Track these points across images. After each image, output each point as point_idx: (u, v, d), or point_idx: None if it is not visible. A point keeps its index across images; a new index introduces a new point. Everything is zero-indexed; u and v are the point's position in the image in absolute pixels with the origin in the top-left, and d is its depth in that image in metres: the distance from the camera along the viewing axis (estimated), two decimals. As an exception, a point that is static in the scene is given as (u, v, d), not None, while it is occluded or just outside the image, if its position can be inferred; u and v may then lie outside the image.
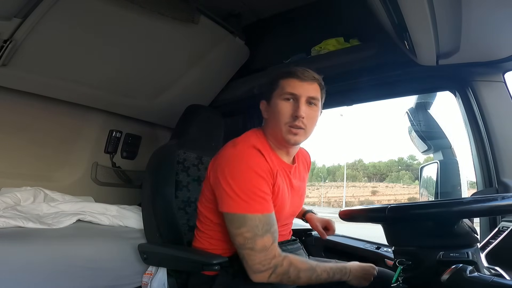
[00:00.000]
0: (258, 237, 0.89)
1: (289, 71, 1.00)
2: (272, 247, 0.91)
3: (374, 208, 1.00)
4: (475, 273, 0.71)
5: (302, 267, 0.93)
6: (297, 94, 0.97)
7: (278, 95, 0.99)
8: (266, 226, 0.91)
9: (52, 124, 1.84)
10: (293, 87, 0.97)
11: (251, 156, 0.94)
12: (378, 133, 73.76)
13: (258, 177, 0.92)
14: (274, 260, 0.90)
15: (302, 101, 0.97)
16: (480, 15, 0.93)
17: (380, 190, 34.63)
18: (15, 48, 1.31)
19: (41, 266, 1.11)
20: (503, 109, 1.27)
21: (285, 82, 0.99)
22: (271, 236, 0.91)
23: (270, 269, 0.90)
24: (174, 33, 1.57)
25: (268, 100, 1.03)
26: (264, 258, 0.89)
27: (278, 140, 1.01)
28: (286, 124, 0.97)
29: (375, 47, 1.47)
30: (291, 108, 0.97)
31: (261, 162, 0.94)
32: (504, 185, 1.21)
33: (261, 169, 0.93)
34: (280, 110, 0.97)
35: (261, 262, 0.89)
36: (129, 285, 1.28)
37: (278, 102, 0.98)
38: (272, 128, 1.01)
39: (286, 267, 0.91)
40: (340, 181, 36.65)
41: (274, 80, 1.02)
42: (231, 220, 0.92)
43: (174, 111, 1.88)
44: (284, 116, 0.97)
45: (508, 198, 0.80)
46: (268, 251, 0.90)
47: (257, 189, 0.91)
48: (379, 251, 1.48)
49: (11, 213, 1.38)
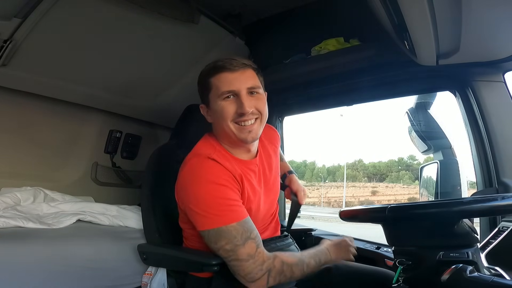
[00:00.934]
0: (239, 247, 0.86)
1: (215, 65, 0.92)
2: (258, 252, 0.87)
3: (374, 208, 1.00)
4: (475, 273, 0.72)
5: (293, 262, 0.92)
6: (235, 89, 0.90)
7: (216, 96, 0.92)
8: (245, 233, 0.87)
9: (52, 124, 1.84)
10: (228, 83, 0.90)
11: (207, 168, 0.90)
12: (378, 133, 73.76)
13: (220, 187, 0.88)
14: (265, 264, 0.88)
15: (243, 95, 0.90)
16: (480, 15, 0.93)
17: (380, 190, 34.60)
18: (15, 48, 1.31)
19: (41, 266, 1.11)
20: (503, 109, 1.27)
21: (217, 80, 0.92)
22: (254, 242, 0.88)
23: (265, 274, 0.87)
24: (174, 33, 1.57)
25: (206, 103, 0.96)
26: (254, 266, 0.86)
27: (233, 142, 0.95)
28: (234, 123, 0.91)
29: (375, 47, 1.47)
30: (234, 106, 0.90)
31: (219, 172, 0.90)
32: (504, 185, 1.21)
33: (222, 178, 0.89)
34: (223, 111, 0.90)
35: (252, 271, 0.86)
36: (129, 285, 1.28)
37: (219, 104, 0.91)
38: (222, 131, 0.94)
39: (279, 267, 0.89)
40: (340, 181, 36.62)
41: (203, 81, 0.95)
42: (208, 237, 0.88)
43: (174, 111, 1.88)
44: (230, 116, 0.90)
45: (508, 198, 0.80)
46: (256, 258, 0.87)
47: (223, 200, 0.87)
48: (379, 251, 1.48)
49: (11, 213, 1.38)
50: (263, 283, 0.88)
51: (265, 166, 1.06)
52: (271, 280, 0.89)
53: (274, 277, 0.89)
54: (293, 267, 0.91)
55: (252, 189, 0.98)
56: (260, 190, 1.02)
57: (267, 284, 0.88)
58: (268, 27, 1.93)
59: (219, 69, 0.92)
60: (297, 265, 0.92)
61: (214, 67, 0.93)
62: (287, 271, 0.90)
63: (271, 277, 0.88)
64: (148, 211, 1.21)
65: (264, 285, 0.88)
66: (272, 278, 0.89)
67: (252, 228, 0.90)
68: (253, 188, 0.98)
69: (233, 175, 0.92)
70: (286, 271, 0.90)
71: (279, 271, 0.89)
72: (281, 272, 0.89)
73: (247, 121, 0.91)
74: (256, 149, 1.03)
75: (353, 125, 66.62)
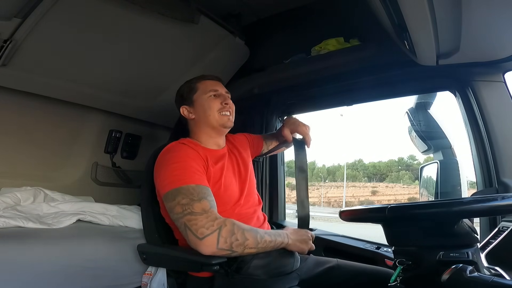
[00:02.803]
0: (195, 201, 0.92)
1: (200, 76, 1.22)
2: (211, 211, 0.93)
3: (374, 208, 1.00)
4: (475, 273, 0.72)
5: (245, 227, 0.94)
6: (218, 89, 1.17)
7: (202, 94, 1.17)
8: (202, 194, 0.95)
9: (52, 124, 1.84)
10: (211, 85, 1.17)
11: (176, 147, 1.07)
12: (378, 133, 73.77)
13: (187, 159, 1.02)
14: (216, 221, 0.91)
15: (223, 93, 1.18)
16: (480, 15, 0.93)
17: (380, 190, 34.61)
18: (15, 48, 1.31)
19: (40, 266, 1.11)
20: (503, 109, 1.27)
21: (202, 84, 1.19)
22: (208, 203, 0.94)
23: (215, 231, 0.89)
24: (174, 33, 1.57)
25: (189, 104, 1.18)
26: (206, 221, 0.90)
27: (214, 129, 1.16)
28: (218, 111, 1.14)
29: (375, 47, 1.47)
30: (218, 100, 1.15)
31: (187, 150, 1.06)
32: (504, 185, 1.21)
33: (188, 152, 1.04)
34: (210, 103, 1.15)
35: (204, 225, 0.89)
36: (128, 285, 1.28)
37: (205, 99, 1.16)
38: (205, 122, 1.15)
39: (230, 226, 0.91)
40: (340, 181, 36.64)
41: (188, 85, 1.21)
42: (166, 198, 0.97)
43: (174, 111, 1.87)
44: (216, 106, 1.14)
45: (508, 198, 0.80)
46: (209, 213, 0.91)
47: (187, 166, 0.99)
48: (379, 251, 1.48)
49: (11, 213, 1.38)
50: (213, 240, 0.88)
51: (237, 159, 1.22)
52: (222, 240, 0.89)
53: (225, 237, 0.89)
54: (245, 232, 0.92)
55: (218, 170, 1.10)
56: (234, 174, 1.17)
57: (217, 244, 0.89)
58: (268, 27, 1.93)
59: (203, 78, 1.21)
60: (251, 231, 0.94)
61: (198, 77, 1.22)
62: (238, 233, 0.91)
63: (222, 236, 0.89)
64: (148, 211, 1.21)
65: (214, 243, 0.88)
66: (223, 238, 0.89)
67: (210, 194, 0.98)
68: (222, 170, 1.12)
69: (201, 156, 1.07)
70: (238, 233, 0.91)
71: (230, 231, 0.90)
72: (231, 232, 0.90)
73: (227, 111, 1.15)
74: (224, 143, 1.22)
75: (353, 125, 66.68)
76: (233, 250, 0.90)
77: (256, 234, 0.94)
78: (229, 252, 0.90)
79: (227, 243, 0.89)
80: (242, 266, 0.96)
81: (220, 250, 0.89)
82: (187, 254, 1.04)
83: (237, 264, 0.96)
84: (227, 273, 0.96)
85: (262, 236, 0.95)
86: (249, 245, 0.92)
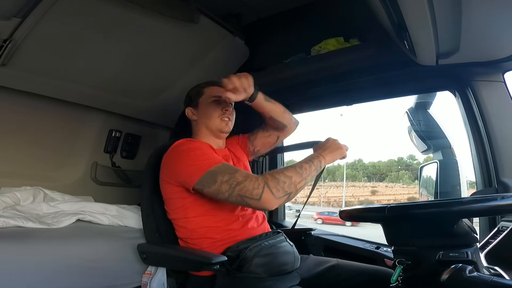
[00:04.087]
0: (234, 173, 0.98)
1: (210, 82, 1.28)
2: (249, 174, 0.98)
3: (374, 208, 1.00)
4: (475, 273, 0.72)
5: (282, 169, 1.00)
6: (222, 96, 1.14)
7: (207, 98, 1.22)
8: (232, 168, 1.01)
9: (52, 123, 1.84)
10: (218, 91, 1.18)
11: (188, 142, 1.12)
12: (377, 133, 73.79)
13: (200, 148, 1.08)
14: (259, 179, 0.96)
15: (226, 100, 1.19)
16: (480, 15, 0.93)
17: (380, 190, 34.61)
18: (15, 47, 1.31)
19: (40, 266, 1.11)
20: (503, 109, 1.27)
21: (209, 89, 1.24)
22: (242, 172, 0.99)
23: (265, 187, 0.94)
24: (174, 32, 1.57)
25: (194, 106, 1.25)
26: (253, 183, 0.95)
27: (213, 132, 1.22)
28: (218, 117, 1.20)
29: (375, 47, 1.47)
30: (220, 106, 1.21)
31: (198, 143, 1.13)
32: (504, 185, 1.21)
33: (199, 145, 1.11)
34: (212, 108, 1.21)
35: (254, 187, 0.94)
36: (128, 285, 1.28)
37: (209, 103, 1.21)
38: (205, 125, 1.22)
39: (270, 177, 0.96)
40: (340, 180, 36.63)
41: (197, 89, 1.27)
42: (202, 183, 0.99)
43: (174, 111, 1.89)
44: (217, 111, 1.20)
45: (508, 197, 0.80)
46: (250, 177, 0.96)
47: (205, 153, 1.05)
48: (378, 251, 1.48)
49: (10, 212, 1.38)
50: (268, 195, 0.93)
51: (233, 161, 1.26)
52: (274, 191, 0.94)
53: (275, 186, 0.94)
54: (286, 172, 0.98)
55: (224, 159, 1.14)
56: None
57: (274, 195, 0.94)
58: (268, 27, 1.93)
59: (212, 83, 1.26)
60: (290, 169, 0.99)
61: (208, 82, 1.28)
62: (281, 177, 0.96)
63: (272, 187, 0.94)
64: (147, 210, 1.21)
65: (271, 196, 0.94)
66: (274, 188, 0.94)
67: (236, 168, 1.03)
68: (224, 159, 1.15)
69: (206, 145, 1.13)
70: (281, 177, 0.96)
71: (274, 180, 0.95)
72: (276, 179, 0.95)
73: (227, 117, 1.21)
74: (224, 145, 1.29)
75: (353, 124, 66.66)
76: (287, 192, 0.96)
77: (295, 169, 0.99)
78: (286, 196, 0.96)
79: (280, 190, 0.94)
80: (243, 264, 0.97)
81: (279, 198, 0.95)
82: (187, 254, 1.05)
83: (239, 262, 0.96)
84: (228, 271, 0.97)
85: (301, 166, 1.01)
86: (296, 180, 0.97)
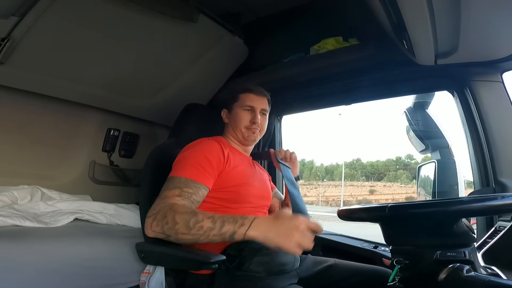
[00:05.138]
0: (167, 190, 0.95)
1: (246, 88, 1.24)
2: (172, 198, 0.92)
3: (374, 207, 1.00)
4: (472, 273, 0.72)
5: (180, 211, 0.86)
6: (254, 106, 1.21)
7: (239, 106, 1.22)
8: (181, 184, 0.96)
9: (50, 122, 1.84)
10: (251, 100, 1.21)
11: (207, 142, 1.11)
12: (376, 133, 73.94)
13: (204, 157, 1.04)
14: (162, 205, 0.89)
15: (257, 112, 1.20)
16: (479, 15, 0.93)
17: (378, 189, 34.72)
18: (13, 46, 1.30)
19: (38, 265, 1.10)
20: (501, 109, 1.27)
21: (244, 96, 1.22)
22: (179, 192, 0.94)
23: (154, 214, 0.88)
24: (173, 31, 1.57)
25: (229, 109, 1.25)
26: (158, 203, 0.91)
27: (239, 139, 1.23)
28: (245, 127, 1.20)
29: (374, 46, 1.47)
30: (249, 116, 1.20)
31: (213, 146, 1.09)
32: (501, 184, 1.21)
33: (211, 152, 1.07)
34: (242, 117, 1.20)
35: (154, 207, 0.90)
36: (127, 284, 1.28)
37: (239, 111, 1.21)
38: (234, 130, 1.22)
39: (165, 210, 0.87)
40: (338, 180, 36.73)
41: (234, 94, 1.25)
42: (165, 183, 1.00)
43: (173, 110, 1.88)
44: (245, 122, 1.20)
45: (508, 197, 0.81)
46: (164, 199, 0.92)
47: (198, 163, 1.02)
48: (376, 250, 1.48)
49: (8, 212, 1.38)
50: (149, 224, 0.87)
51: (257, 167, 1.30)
52: (154, 223, 0.87)
53: (158, 220, 0.86)
54: (177, 216, 0.85)
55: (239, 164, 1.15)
56: (251, 172, 1.21)
57: (151, 227, 0.87)
58: (267, 26, 1.93)
59: (249, 91, 1.23)
60: (183, 215, 0.85)
61: (247, 89, 1.24)
62: (169, 217, 0.85)
63: (156, 219, 0.87)
64: (146, 209, 1.20)
65: (149, 227, 0.87)
66: (156, 221, 0.87)
67: (192, 187, 0.97)
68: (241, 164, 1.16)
69: (222, 150, 1.11)
70: (169, 217, 0.85)
71: (163, 214, 0.86)
72: (164, 216, 0.86)
73: (254, 129, 1.21)
74: (249, 153, 1.29)
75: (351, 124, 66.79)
76: (165, 233, 0.86)
77: (190, 219, 0.83)
78: (164, 235, 0.86)
79: (159, 226, 0.86)
80: (243, 262, 0.97)
81: (154, 232, 0.87)
82: (186, 253, 1.04)
83: (239, 260, 0.96)
84: (228, 270, 0.97)
85: (199, 221, 0.82)
86: (180, 230, 0.83)
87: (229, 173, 1.09)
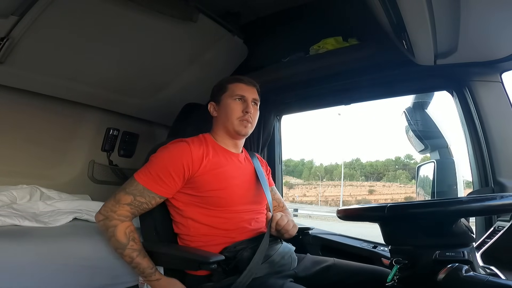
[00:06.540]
0: (123, 192, 1.03)
1: (235, 77, 1.21)
2: (123, 206, 1.02)
3: (373, 207, 1.00)
4: (471, 273, 0.72)
5: (118, 236, 1.00)
6: (245, 95, 1.16)
7: (229, 96, 1.17)
8: (136, 191, 1.03)
9: (49, 122, 1.83)
10: (241, 90, 1.16)
11: (173, 148, 1.07)
12: (375, 133, 74.01)
13: (164, 167, 1.04)
14: (114, 214, 1.01)
15: (249, 101, 1.16)
16: (478, 15, 0.93)
17: (377, 189, 34.77)
18: (12, 46, 1.30)
19: (37, 264, 1.10)
20: (500, 109, 1.27)
21: (234, 86, 1.18)
22: (132, 200, 1.02)
23: (106, 218, 1.02)
24: (173, 31, 1.57)
25: (217, 101, 1.20)
26: (111, 208, 1.02)
27: (229, 133, 1.17)
28: (237, 118, 1.14)
29: (374, 46, 1.47)
30: (241, 106, 1.15)
31: (178, 154, 1.06)
32: (500, 184, 1.22)
33: (172, 160, 1.05)
34: (233, 108, 1.15)
35: (106, 209, 1.02)
36: (125, 283, 1.28)
37: (230, 102, 1.16)
38: (223, 124, 1.17)
39: (108, 225, 1.01)
40: (338, 180, 36.76)
41: (222, 85, 1.20)
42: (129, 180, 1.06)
43: (172, 109, 1.87)
44: (237, 112, 1.14)
45: (507, 197, 0.81)
46: (118, 206, 1.02)
47: (156, 173, 1.04)
48: (375, 250, 1.49)
49: (7, 211, 1.37)
50: (99, 218, 1.04)
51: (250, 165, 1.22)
52: (101, 224, 1.03)
53: (103, 226, 1.02)
54: (112, 239, 1.01)
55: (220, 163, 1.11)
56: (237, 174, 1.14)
57: (99, 221, 1.04)
58: (266, 26, 1.93)
59: (238, 80, 1.19)
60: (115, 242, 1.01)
61: (236, 78, 1.21)
62: (109, 233, 1.01)
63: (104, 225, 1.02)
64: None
65: (98, 219, 1.04)
66: (102, 223, 1.02)
67: (145, 196, 1.04)
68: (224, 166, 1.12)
69: (192, 152, 1.06)
70: (109, 234, 1.01)
71: (107, 227, 1.02)
72: (107, 228, 1.01)
73: (246, 120, 1.15)
74: (240, 149, 1.24)
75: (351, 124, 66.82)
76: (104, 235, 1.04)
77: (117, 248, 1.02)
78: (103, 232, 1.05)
79: (103, 228, 1.03)
80: (239, 265, 0.97)
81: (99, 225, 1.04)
82: (185, 253, 1.04)
83: (235, 263, 0.96)
84: (225, 271, 0.97)
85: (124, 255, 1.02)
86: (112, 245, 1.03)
87: (202, 176, 1.06)
